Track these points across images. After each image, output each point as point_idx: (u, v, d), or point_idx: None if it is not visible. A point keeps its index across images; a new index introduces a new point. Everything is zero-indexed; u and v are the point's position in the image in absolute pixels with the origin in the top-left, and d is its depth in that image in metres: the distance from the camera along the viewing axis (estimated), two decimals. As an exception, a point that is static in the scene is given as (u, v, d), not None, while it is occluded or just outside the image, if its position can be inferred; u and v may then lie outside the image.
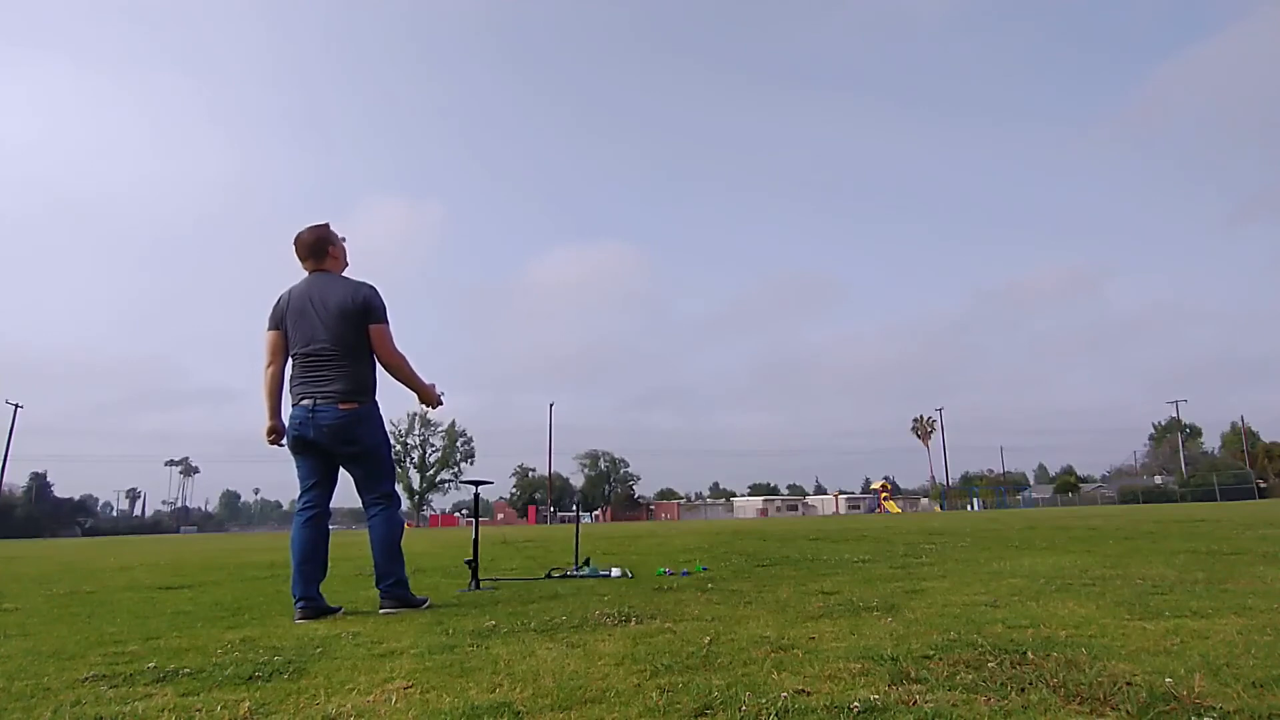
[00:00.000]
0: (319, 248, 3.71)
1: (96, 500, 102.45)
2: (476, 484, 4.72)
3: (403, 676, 1.99)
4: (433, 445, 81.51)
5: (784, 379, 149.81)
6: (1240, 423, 71.18)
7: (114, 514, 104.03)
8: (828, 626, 2.56)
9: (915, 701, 1.56)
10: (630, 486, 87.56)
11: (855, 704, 1.54)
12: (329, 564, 3.56)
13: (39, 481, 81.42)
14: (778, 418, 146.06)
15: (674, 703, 1.63)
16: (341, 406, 3.53)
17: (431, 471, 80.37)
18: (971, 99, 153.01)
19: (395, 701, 1.73)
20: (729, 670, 1.94)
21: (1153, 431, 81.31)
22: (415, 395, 3.84)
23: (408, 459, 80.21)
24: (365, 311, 3.61)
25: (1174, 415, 73.95)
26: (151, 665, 2.23)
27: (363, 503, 3.69)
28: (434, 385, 3.87)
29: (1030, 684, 1.67)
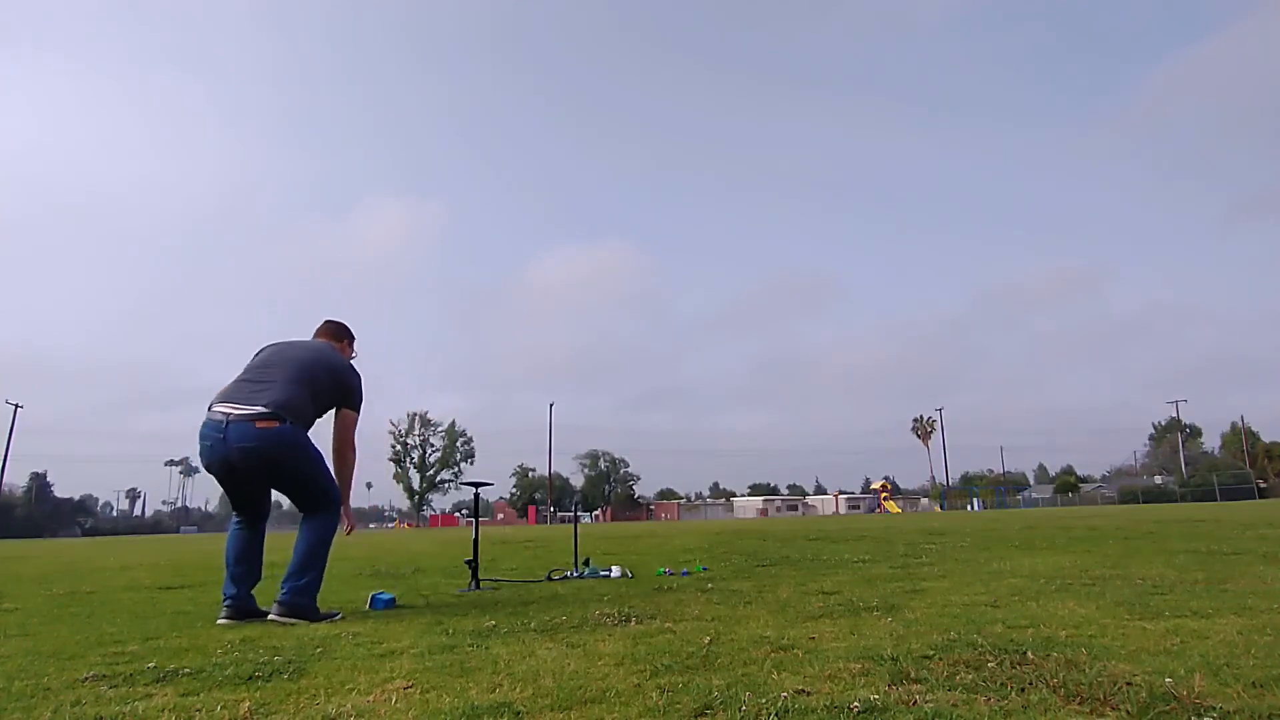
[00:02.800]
0: (340, 333, 3.81)
1: (96, 500, 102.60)
2: (476, 485, 4.72)
3: (403, 676, 1.99)
4: (433, 445, 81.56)
5: (784, 379, 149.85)
6: (1240, 423, 71.24)
7: (114, 514, 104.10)
8: (828, 626, 2.56)
9: (915, 701, 1.56)
10: (630, 486, 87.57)
11: (855, 704, 1.54)
12: (261, 570, 3.41)
13: (39, 481, 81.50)
14: (778, 418, 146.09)
15: (674, 703, 1.63)
16: (260, 425, 3.08)
17: (431, 471, 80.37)
18: (972, 99, 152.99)
19: (395, 701, 1.73)
20: (729, 670, 1.94)
21: (1153, 431, 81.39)
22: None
23: (408, 459, 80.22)
24: (348, 390, 3.51)
25: (1174, 415, 74.02)
26: (151, 665, 2.23)
27: (299, 510, 3.42)
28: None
29: (1030, 684, 1.67)
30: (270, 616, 3.15)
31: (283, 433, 3.16)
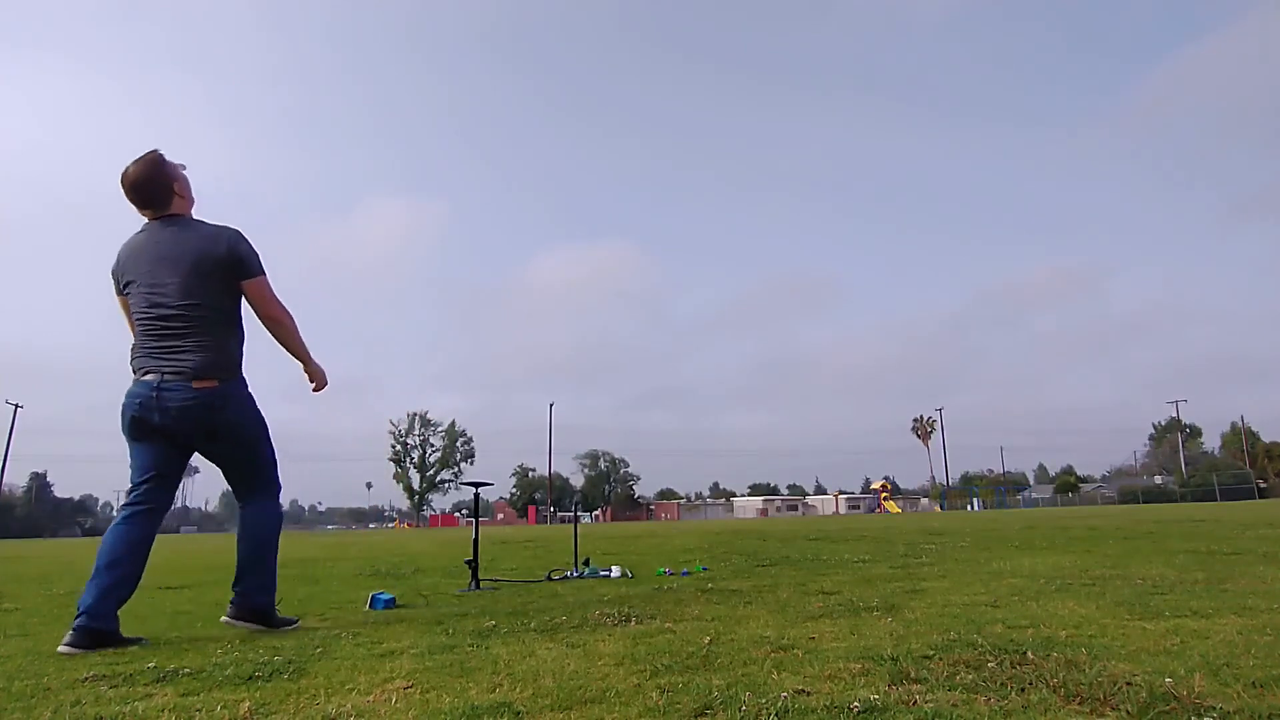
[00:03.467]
0: (158, 188, 2.94)
1: (96, 500, 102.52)
2: (476, 485, 4.72)
3: (403, 676, 1.99)
4: (432, 445, 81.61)
5: (784, 379, 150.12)
6: (1240, 423, 71.25)
7: (114, 514, 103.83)
8: (828, 626, 2.56)
9: (915, 701, 1.56)
10: (630, 486, 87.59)
11: (855, 704, 1.54)
12: (140, 579, 2.88)
13: (39, 481, 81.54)
14: (778, 418, 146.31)
15: (674, 703, 1.63)
16: (196, 384, 2.82)
17: (431, 471, 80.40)
18: (971, 99, 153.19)
19: (395, 701, 1.73)
20: (729, 670, 1.93)
21: (1153, 431, 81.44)
22: (300, 365, 3.19)
23: (408, 459, 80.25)
24: (234, 264, 2.93)
25: (1174, 415, 74.03)
26: (151, 665, 2.23)
27: (235, 495, 3.11)
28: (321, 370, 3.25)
29: (1030, 684, 1.67)
30: (224, 619, 2.94)
31: (224, 390, 2.90)
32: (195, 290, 2.87)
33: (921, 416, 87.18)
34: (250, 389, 3.06)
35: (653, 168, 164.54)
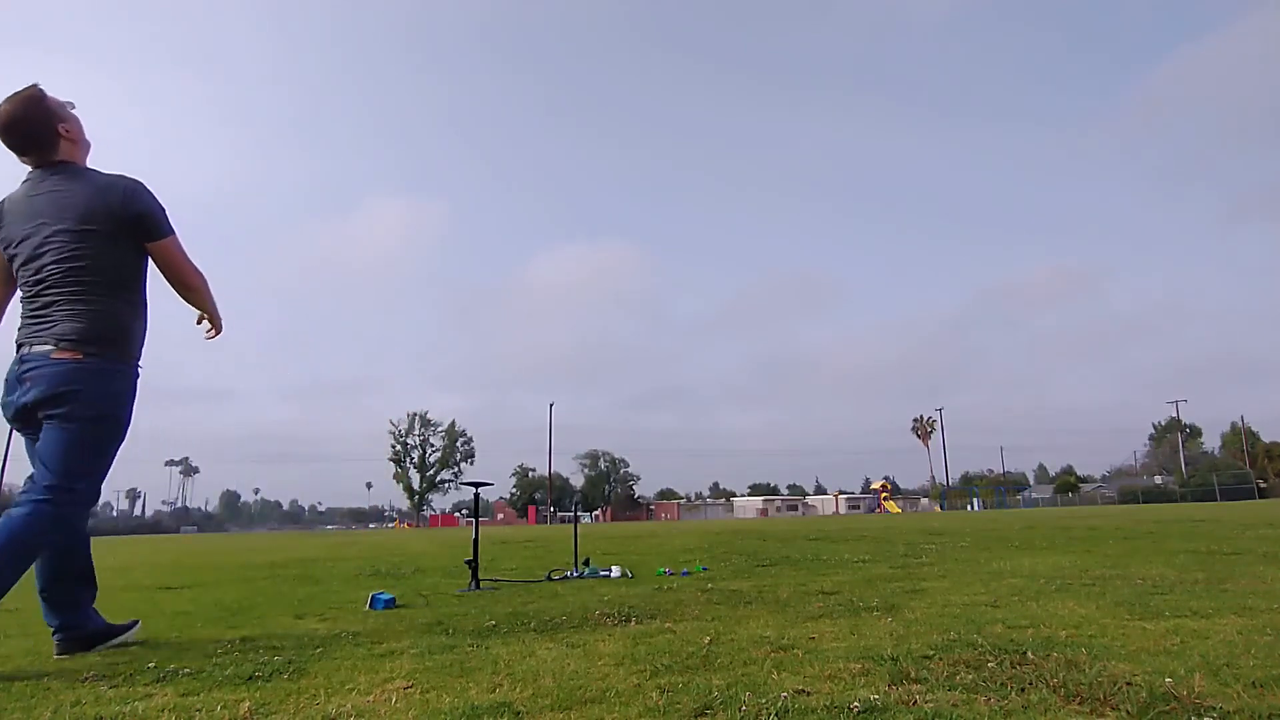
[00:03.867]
0: (38, 128, 2.51)
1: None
2: (476, 485, 4.72)
3: (403, 676, 1.99)
4: (433, 445, 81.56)
5: (784, 379, 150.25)
6: (1240, 423, 71.25)
7: (114, 514, 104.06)
8: (828, 626, 2.56)
9: (915, 701, 1.56)
10: (630, 486, 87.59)
11: (855, 704, 1.54)
12: (95, 573, 2.79)
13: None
14: (778, 417, 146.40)
15: (674, 703, 1.63)
16: (55, 355, 2.38)
17: (431, 471, 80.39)
18: (970, 99, 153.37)
19: (395, 701, 1.73)
20: (729, 670, 1.94)
21: (1153, 431, 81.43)
22: (206, 317, 2.82)
23: (408, 459, 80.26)
24: (132, 222, 2.52)
25: (1174, 415, 74.03)
26: (151, 665, 2.23)
27: (27, 481, 2.53)
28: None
29: (1030, 684, 1.67)
30: None
31: (87, 367, 2.41)
32: (78, 249, 2.44)
33: (921, 416, 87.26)
34: (136, 382, 2.58)
35: (653, 168, 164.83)
